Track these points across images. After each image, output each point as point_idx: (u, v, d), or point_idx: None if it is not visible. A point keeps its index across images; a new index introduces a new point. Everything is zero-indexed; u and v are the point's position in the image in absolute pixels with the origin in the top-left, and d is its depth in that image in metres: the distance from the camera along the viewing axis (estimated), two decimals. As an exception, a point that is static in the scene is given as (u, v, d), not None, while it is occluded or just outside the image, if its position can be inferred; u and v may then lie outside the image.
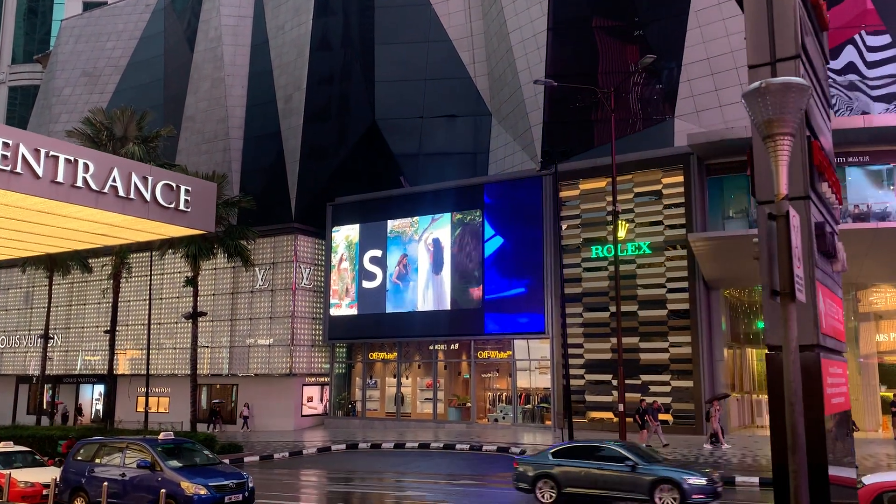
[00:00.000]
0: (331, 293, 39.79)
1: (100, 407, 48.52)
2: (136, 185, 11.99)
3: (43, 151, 10.64)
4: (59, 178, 10.92)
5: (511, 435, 32.31)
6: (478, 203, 35.74)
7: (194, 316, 31.21)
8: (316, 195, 41.03)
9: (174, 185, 12.57)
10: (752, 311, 34.74)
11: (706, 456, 24.42)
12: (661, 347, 30.85)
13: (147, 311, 44.67)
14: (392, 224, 38.25)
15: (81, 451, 16.12)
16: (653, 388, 30.85)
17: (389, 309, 37.75)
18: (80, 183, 11.16)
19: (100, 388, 48.71)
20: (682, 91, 33.86)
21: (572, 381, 32.68)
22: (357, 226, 39.33)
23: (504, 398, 36.29)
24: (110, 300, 45.38)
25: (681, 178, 31.00)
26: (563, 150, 25.34)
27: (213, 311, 40.45)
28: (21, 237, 13.57)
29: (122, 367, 45.35)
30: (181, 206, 12.58)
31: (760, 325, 34.85)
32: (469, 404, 36.31)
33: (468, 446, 28.21)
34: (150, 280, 36.03)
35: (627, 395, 31.37)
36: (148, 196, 12.07)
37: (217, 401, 39.99)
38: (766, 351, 8.35)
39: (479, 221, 35.58)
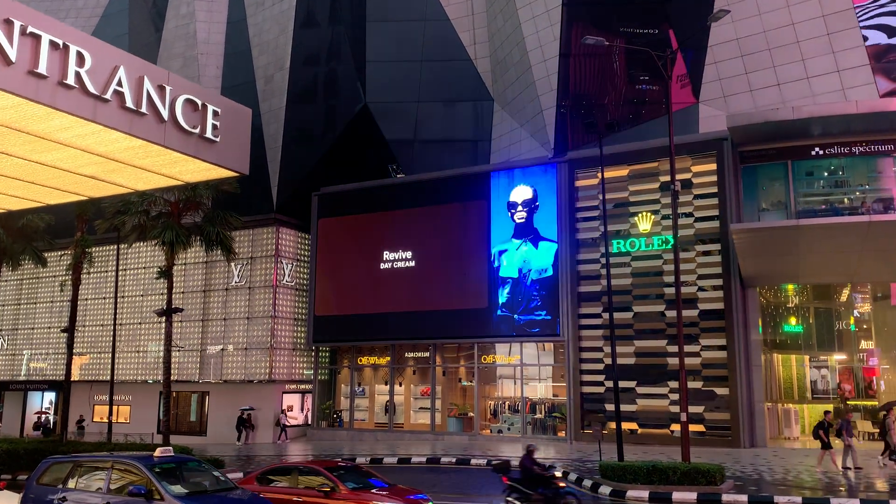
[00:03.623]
0: (316, 290, 36.13)
1: (50, 417, 43.90)
2: (149, 94, 8.52)
3: (17, 25, 7.11)
4: (41, 69, 7.41)
5: (520, 448, 29.02)
6: (484, 193, 32.58)
7: (168, 312, 27.32)
8: (300, 184, 37.46)
9: (199, 102, 9.12)
10: (780, 314, 32.21)
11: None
12: (691, 351, 27.97)
13: (105, 312, 40.57)
14: (388, 216, 34.81)
15: (48, 472, 12.29)
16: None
17: (383, 308, 34.25)
18: (71, 80, 7.67)
19: (50, 396, 44.11)
20: (708, 74, 31.29)
21: (590, 389, 29.77)
22: (346, 218, 35.78)
23: (507, 407, 33.08)
24: (65, 298, 40.99)
25: (713, 167, 28.40)
26: (610, 123, 22.31)
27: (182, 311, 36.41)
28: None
29: (75, 372, 40.90)
30: (208, 133, 9.13)
31: (787, 328, 32.37)
32: (471, 414, 33.00)
33: (485, 461, 24.87)
34: (117, 272, 31.97)
35: (651, 402, 28.59)
36: (165, 112, 8.60)
37: (247, 408, 35.55)
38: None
39: (485, 213, 32.40)
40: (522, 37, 34.17)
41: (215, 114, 9.44)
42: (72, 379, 39.36)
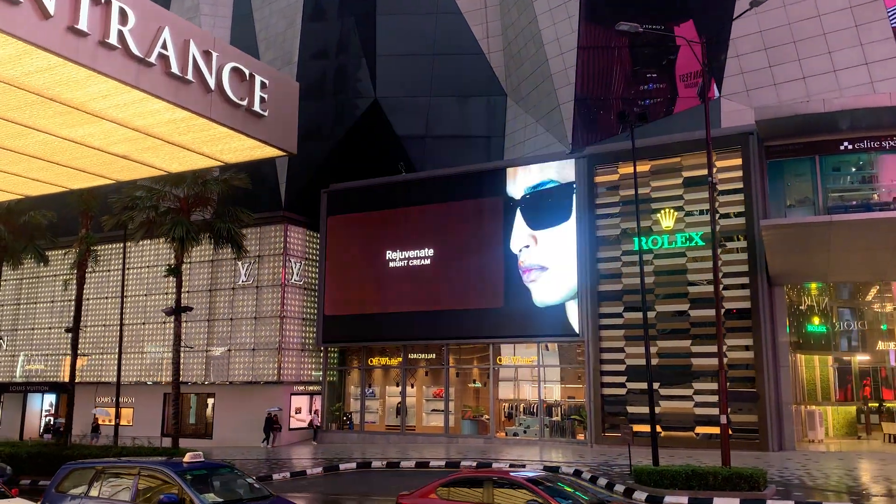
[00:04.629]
0: (325, 289, 35.24)
1: (50, 419, 42.92)
2: (195, 59, 7.65)
3: (55, -27, 6.26)
4: (82, 25, 6.55)
5: (538, 451, 28.25)
6: (499, 190, 31.75)
7: (177, 311, 26.42)
8: (308, 181, 36.57)
9: (246, 71, 8.24)
10: (802, 313, 31.44)
11: None
12: (716, 352, 27.13)
13: (107, 312, 39.69)
14: (399, 213, 33.96)
15: (68, 478, 11.39)
16: (707, 398, 27.20)
17: (395, 308, 33.39)
18: (114, 39, 6.80)
19: (50, 398, 43.13)
20: (730, 68, 30.54)
21: (611, 390, 28.95)
22: (356, 215, 34.92)
23: (522, 409, 32.21)
24: (66, 298, 40.00)
25: (738, 162, 27.63)
26: (643, 113, 21.51)
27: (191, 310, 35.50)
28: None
29: (76, 374, 39.92)
30: (255, 106, 8.25)
31: (810, 328, 31.61)
32: (487, 416, 32.14)
33: (507, 465, 24.01)
34: (124, 271, 31.04)
35: (674, 405, 27.79)
36: (212, 81, 7.73)
37: (274, 409, 34.46)
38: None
39: (500, 209, 31.58)
40: (538, 29, 33.38)
41: (263, 85, 8.56)
42: (69, 381, 38.58)
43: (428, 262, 32.95)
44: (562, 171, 30.44)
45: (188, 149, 9.03)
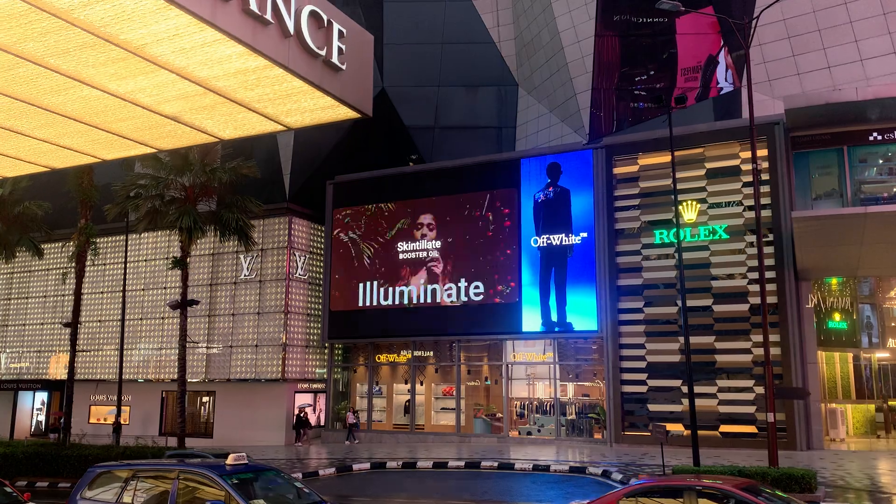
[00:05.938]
0: (331, 284, 34.14)
1: (41, 418, 41.58)
2: (273, -1, 6.57)
3: None
4: (155, -56, 5.48)
5: (556, 451, 27.34)
6: (513, 181, 30.80)
7: (183, 305, 25.27)
8: (313, 173, 35.42)
9: (324, 16, 7.19)
10: (821, 309, 30.68)
11: None
12: (741, 348, 26.43)
13: (103, 307, 38.42)
14: (407, 205, 32.92)
15: (96, 482, 10.25)
16: (731, 396, 26.41)
17: (403, 303, 32.35)
18: (188, -36, 5.73)
19: (42, 396, 41.73)
20: (753, 56, 29.58)
21: (631, 388, 28.10)
22: (363, 207, 33.85)
23: (534, 407, 31.28)
24: (59, 293, 38.73)
25: (764, 152, 26.80)
26: (681, 97, 20.60)
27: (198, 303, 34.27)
28: (23, 116, 7.53)
29: (65, 372, 38.64)
30: (333, 58, 7.22)
31: (831, 324, 30.87)
32: (500, 415, 31.18)
33: (530, 465, 23.07)
34: (125, 263, 29.83)
35: (697, 402, 26.90)
36: (290, 24, 6.67)
37: (304, 405, 33.13)
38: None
39: (515, 203, 30.62)
40: (553, 17, 32.43)
41: (340, 34, 7.52)
42: (60, 378, 37.25)
43: (438, 255, 31.95)
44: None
45: (251, 108, 7.87)
